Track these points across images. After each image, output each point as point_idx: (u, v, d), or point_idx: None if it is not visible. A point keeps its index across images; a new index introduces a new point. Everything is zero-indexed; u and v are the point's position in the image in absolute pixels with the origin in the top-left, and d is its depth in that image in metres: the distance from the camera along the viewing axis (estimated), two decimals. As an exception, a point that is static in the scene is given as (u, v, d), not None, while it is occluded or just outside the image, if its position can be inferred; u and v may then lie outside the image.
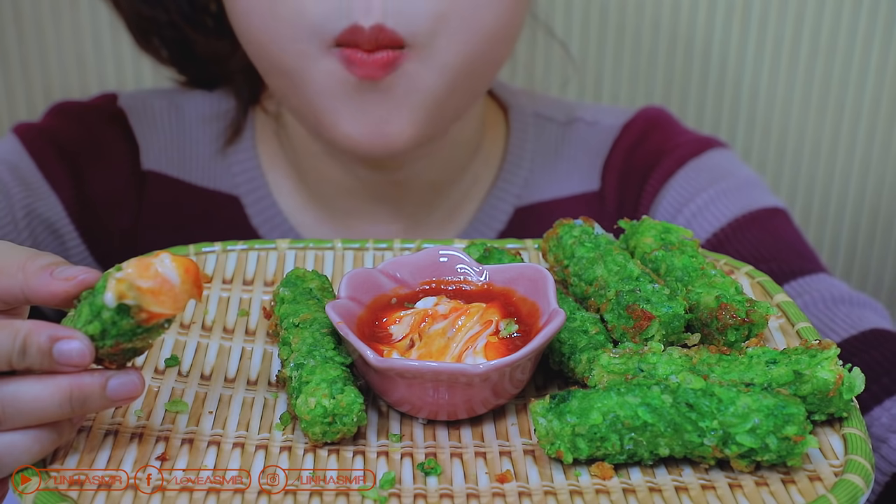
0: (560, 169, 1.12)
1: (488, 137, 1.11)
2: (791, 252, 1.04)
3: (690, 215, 1.07)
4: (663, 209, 1.09)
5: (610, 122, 1.14)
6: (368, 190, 1.06)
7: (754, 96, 1.51)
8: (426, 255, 0.76)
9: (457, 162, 1.08)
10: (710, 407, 0.62)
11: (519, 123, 1.12)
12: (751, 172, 1.13)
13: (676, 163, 1.10)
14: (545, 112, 1.14)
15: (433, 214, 1.09)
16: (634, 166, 1.11)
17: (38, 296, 0.63)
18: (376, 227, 1.08)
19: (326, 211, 1.09)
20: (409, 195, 1.07)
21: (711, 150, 1.12)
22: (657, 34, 1.47)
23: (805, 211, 1.59)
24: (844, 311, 0.97)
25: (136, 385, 0.63)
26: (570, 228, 0.78)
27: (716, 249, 1.05)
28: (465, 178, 1.09)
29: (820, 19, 1.46)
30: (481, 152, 1.10)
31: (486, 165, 1.11)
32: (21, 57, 1.46)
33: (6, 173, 1.04)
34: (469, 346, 0.68)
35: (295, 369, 0.67)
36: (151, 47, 1.13)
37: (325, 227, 1.09)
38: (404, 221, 1.08)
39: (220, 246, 0.85)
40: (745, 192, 1.09)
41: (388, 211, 1.08)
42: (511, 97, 1.14)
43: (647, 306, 0.70)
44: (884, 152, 1.54)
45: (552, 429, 0.63)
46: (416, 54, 0.90)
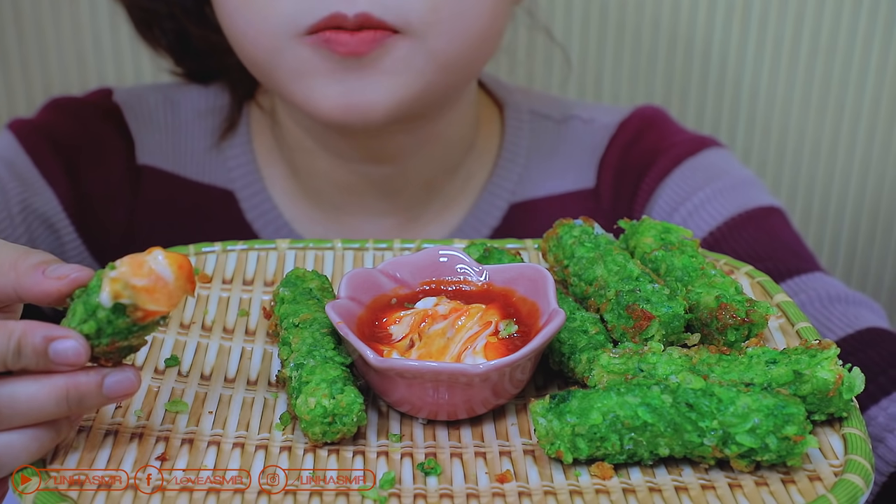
0: (555, 166, 1.12)
1: (483, 134, 1.11)
2: (787, 251, 1.04)
3: (686, 214, 1.07)
4: (659, 207, 1.09)
5: (606, 120, 1.14)
6: (362, 186, 1.06)
7: (754, 96, 1.51)
8: (426, 255, 0.76)
9: (451, 158, 1.08)
10: (710, 407, 0.62)
11: (514, 121, 1.13)
12: (747, 172, 1.13)
13: (672, 161, 1.10)
14: (541, 109, 1.14)
15: (427, 210, 1.09)
16: (630, 164, 1.11)
17: (30, 294, 0.63)
18: (370, 223, 1.08)
19: (320, 206, 1.09)
20: (402, 191, 1.07)
21: (707, 150, 1.12)
22: (657, 34, 1.47)
23: (805, 211, 1.59)
24: (840, 309, 0.97)
25: (132, 382, 0.63)
26: (570, 228, 0.78)
27: (711, 249, 1.05)
28: (460, 174, 1.10)
29: (820, 19, 1.46)
30: (476, 149, 1.11)
31: (481, 162, 1.11)
32: (21, 56, 1.46)
33: (2, 169, 1.04)
34: (468, 346, 0.68)
35: (295, 369, 0.67)
36: (150, 36, 1.13)
37: (318, 223, 1.10)
38: (398, 217, 1.08)
39: (220, 246, 0.85)
40: (741, 191, 1.09)
41: (381, 207, 1.08)
42: (507, 94, 1.14)
43: (647, 306, 0.70)
44: (884, 152, 1.54)
45: (552, 429, 0.63)
46: (409, 40, 0.90)
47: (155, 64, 1.19)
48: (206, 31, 1.09)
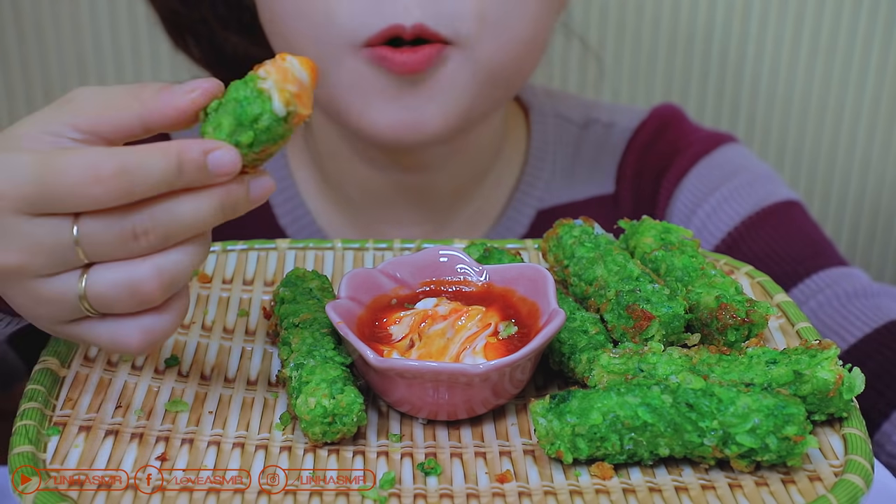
0: (578, 172, 1.12)
1: (510, 139, 1.11)
2: (806, 247, 1.04)
3: (705, 216, 1.07)
4: (678, 211, 1.08)
5: (625, 124, 1.13)
6: (393, 193, 1.06)
7: (754, 96, 1.51)
8: (426, 255, 0.76)
9: (480, 164, 1.07)
10: (710, 407, 0.62)
11: (540, 125, 1.12)
12: (763, 166, 1.12)
13: (688, 162, 1.09)
14: (564, 112, 1.14)
15: (458, 217, 1.08)
16: (647, 169, 1.11)
17: (161, 117, 0.62)
18: (400, 230, 1.07)
19: (351, 213, 1.08)
20: (432, 198, 1.07)
21: (722, 147, 1.11)
22: (657, 33, 1.47)
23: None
24: (859, 306, 0.96)
25: (271, 184, 0.64)
26: (570, 228, 0.78)
27: (731, 248, 1.04)
28: (488, 180, 1.09)
29: (820, 19, 1.46)
30: (503, 154, 1.10)
31: (509, 167, 1.10)
32: (21, 56, 1.46)
33: None
34: (468, 346, 0.68)
35: (295, 369, 0.67)
36: (184, 45, 1.12)
37: (350, 229, 1.09)
38: (429, 224, 1.08)
39: (220, 246, 0.85)
40: (758, 186, 1.08)
41: (412, 214, 1.07)
42: (532, 97, 1.14)
43: (647, 306, 0.70)
44: (884, 152, 1.55)
45: (552, 429, 0.63)
46: (459, 52, 0.90)
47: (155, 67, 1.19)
48: (240, 38, 1.08)
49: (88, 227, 0.60)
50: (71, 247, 0.60)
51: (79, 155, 0.59)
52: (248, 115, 0.61)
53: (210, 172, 0.61)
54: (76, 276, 0.61)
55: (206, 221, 0.61)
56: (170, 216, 0.60)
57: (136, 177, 0.59)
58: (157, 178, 0.59)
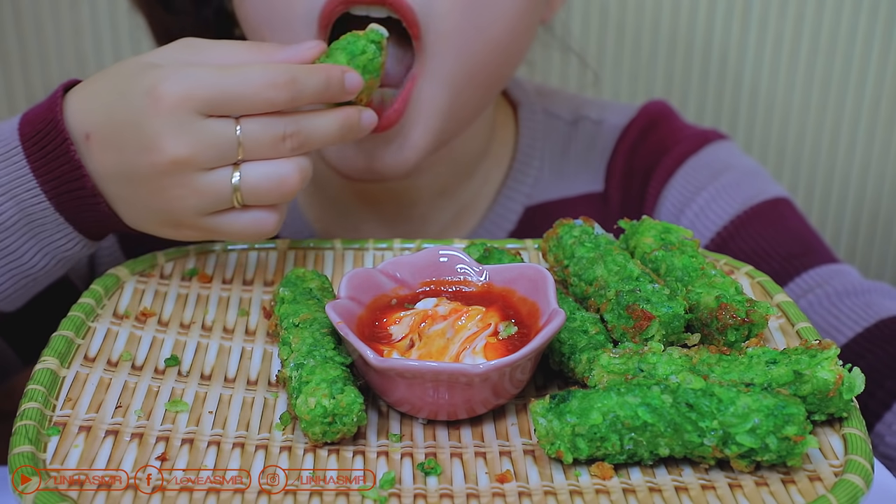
0: (567, 169, 1.12)
1: (498, 136, 1.10)
2: (796, 244, 1.03)
3: (693, 216, 1.07)
4: (666, 210, 1.08)
5: (614, 121, 1.13)
6: (378, 195, 1.06)
7: (754, 96, 1.51)
8: (426, 255, 0.76)
9: (467, 163, 1.07)
10: (710, 407, 0.62)
11: (529, 122, 1.12)
12: (751, 162, 1.12)
13: (676, 161, 1.09)
14: (553, 109, 1.13)
15: (443, 214, 1.08)
16: (636, 167, 1.10)
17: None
18: (386, 228, 1.07)
19: (336, 212, 1.09)
20: (419, 197, 1.06)
21: (710, 145, 1.11)
22: (657, 33, 1.47)
23: (805, 211, 1.58)
24: (850, 304, 0.96)
25: (375, 118, 0.81)
26: (570, 228, 0.78)
27: (720, 248, 1.04)
28: (476, 177, 1.09)
29: (820, 19, 1.46)
30: (491, 151, 1.10)
31: (497, 164, 1.10)
32: (21, 56, 1.46)
33: None
34: (467, 346, 0.68)
35: (295, 369, 0.67)
36: None
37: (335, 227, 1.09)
38: (414, 222, 1.08)
39: (220, 246, 0.85)
40: (745, 184, 1.08)
41: (397, 212, 1.07)
42: (522, 94, 1.13)
43: (647, 306, 0.70)
44: (884, 152, 1.54)
45: (552, 429, 0.63)
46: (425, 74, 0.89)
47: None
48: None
49: (249, 127, 0.73)
50: (233, 145, 0.73)
51: (256, 66, 0.74)
52: (357, 49, 0.78)
53: (346, 88, 0.77)
54: (230, 171, 0.74)
55: (333, 134, 0.77)
56: (311, 125, 0.75)
57: (301, 86, 0.74)
58: (314, 89, 0.75)
